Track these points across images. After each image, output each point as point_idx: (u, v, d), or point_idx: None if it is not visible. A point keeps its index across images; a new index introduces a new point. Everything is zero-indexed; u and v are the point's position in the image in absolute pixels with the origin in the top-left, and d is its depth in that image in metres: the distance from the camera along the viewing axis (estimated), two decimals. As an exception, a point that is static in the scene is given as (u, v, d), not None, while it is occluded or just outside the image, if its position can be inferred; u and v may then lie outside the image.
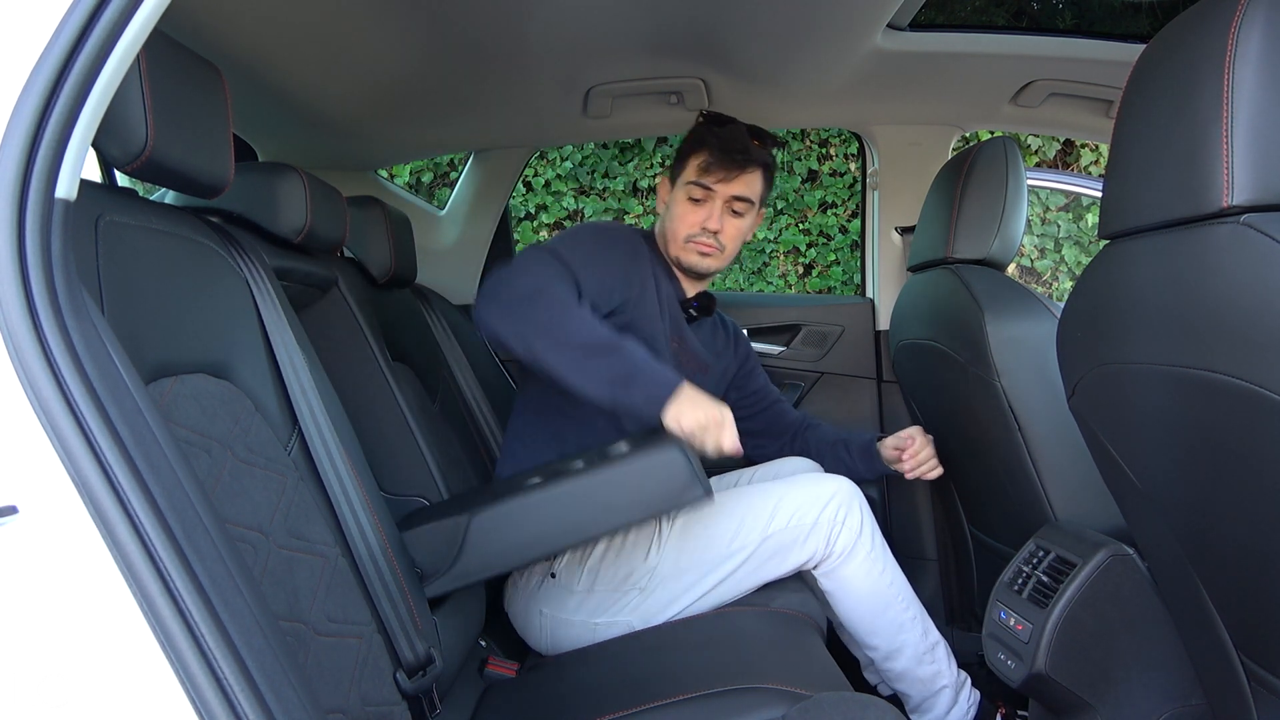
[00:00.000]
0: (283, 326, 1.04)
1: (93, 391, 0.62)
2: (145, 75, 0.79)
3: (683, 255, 1.54)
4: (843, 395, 2.17)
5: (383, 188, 2.40)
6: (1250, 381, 0.76)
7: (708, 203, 1.51)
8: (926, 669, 1.41)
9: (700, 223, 1.51)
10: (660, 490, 1.14)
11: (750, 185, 1.52)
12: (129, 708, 0.61)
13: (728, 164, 1.49)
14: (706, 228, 1.51)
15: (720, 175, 1.49)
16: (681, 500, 1.14)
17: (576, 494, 1.15)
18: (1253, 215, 0.76)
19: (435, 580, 1.16)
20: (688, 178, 1.52)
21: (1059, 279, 4.53)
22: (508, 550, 1.16)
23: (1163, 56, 0.86)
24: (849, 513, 1.37)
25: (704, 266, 1.55)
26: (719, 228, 1.51)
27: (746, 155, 1.49)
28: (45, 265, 0.62)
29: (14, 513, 0.60)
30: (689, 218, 1.52)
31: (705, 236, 1.51)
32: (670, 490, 1.14)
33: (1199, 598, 1.01)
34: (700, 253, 1.53)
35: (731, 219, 1.53)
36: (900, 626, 1.39)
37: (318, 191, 1.29)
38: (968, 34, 1.65)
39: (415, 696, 1.03)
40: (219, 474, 0.82)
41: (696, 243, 1.52)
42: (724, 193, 1.50)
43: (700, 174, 1.50)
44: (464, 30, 1.51)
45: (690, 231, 1.52)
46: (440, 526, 1.16)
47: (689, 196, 1.52)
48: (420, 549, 1.16)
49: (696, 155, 1.52)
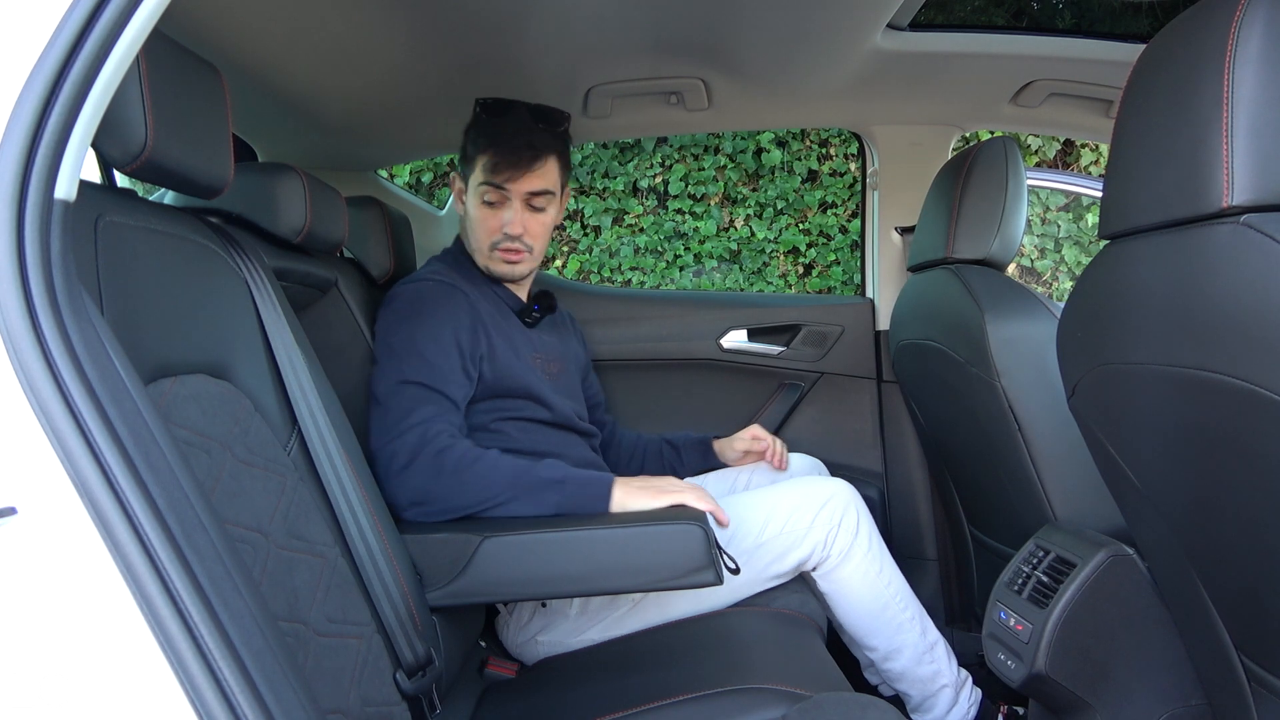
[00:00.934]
0: (282, 327, 1.04)
1: (92, 392, 0.62)
2: (145, 76, 0.79)
3: (491, 265, 1.48)
4: (843, 395, 2.17)
5: (383, 188, 2.40)
6: (1250, 381, 0.76)
7: (503, 205, 1.43)
8: (926, 668, 1.41)
9: (500, 228, 1.44)
10: (674, 563, 1.12)
11: (545, 176, 1.44)
12: (128, 708, 0.61)
13: (516, 161, 1.40)
14: (508, 233, 1.44)
15: (509, 174, 1.41)
16: (693, 580, 1.12)
17: (593, 545, 1.13)
18: (1253, 215, 0.76)
19: (429, 592, 1.14)
20: (478, 179, 1.44)
21: (1059, 279, 4.53)
22: (512, 582, 1.14)
23: (1163, 56, 0.86)
24: (845, 514, 1.37)
25: (514, 273, 1.49)
26: (520, 230, 1.44)
27: (534, 149, 1.41)
28: (44, 266, 0.62)
29: (13, 513, 0.60)
30: (488, 223, 1.44)
31: (508, 242, 1.44)
32: (684, 566, 1.12)
33: (1199, 598, 1.01)
34: (507, 260, 1.47)
35: (533, 216, 1.45)
36: (899, 627, 1.39)
37: (317, 192, 1.29)
38: (968, 34, 1.65)
39: (415, 697, 1.03)
40: (218, 474, 0.82)
41: (501, 250, 1.45)
42: (519, 191, 1.42)
43: (489, 174, 1.42)
44: (464, 30, 1.51)
45: (493, 238, 1.45)
46: (450, 539, 1.14)
47: (483, 199, 1.44)
48: (424, 556, 1.14)
49: (482, 154, 1.43)
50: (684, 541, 1.12)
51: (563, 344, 1.64)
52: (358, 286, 1.55)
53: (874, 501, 2.06)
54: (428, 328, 1.34)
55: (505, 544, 1.13)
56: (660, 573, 1.12)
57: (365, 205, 1.69)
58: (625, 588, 1.16)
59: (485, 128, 1.45)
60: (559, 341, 1.63)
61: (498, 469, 1.20)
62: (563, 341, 1.65)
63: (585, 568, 1.12)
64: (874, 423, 2.15)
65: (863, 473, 2.12)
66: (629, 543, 1.13)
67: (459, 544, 1.13)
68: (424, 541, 1.15)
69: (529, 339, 1.51)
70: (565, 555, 1.12)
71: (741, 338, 2.22)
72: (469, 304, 1.41)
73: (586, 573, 1.13)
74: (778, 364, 2.20)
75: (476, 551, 1.12)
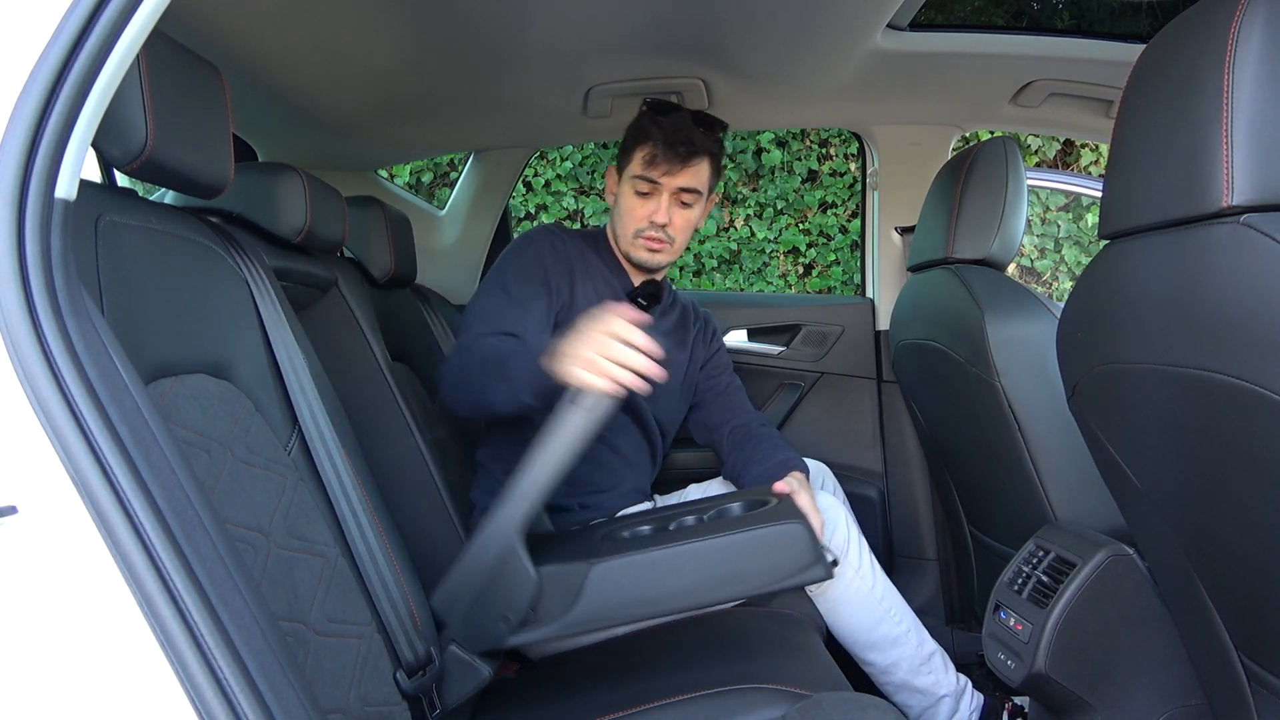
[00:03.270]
0: (282, 327, 1.04)
1: (92, 392, 0.62)
2: (145, 75, 0.79)
3: (632, 250, 1.53)
4: (843, 395, 2.17)
5: (383, 188, 2.41)
6: (1250, 381, 0.76)
7: (654, 196, 1.50)
8: (924, 680, 1.41)
9: (648, 216, 1.50)
10: (782, 564, 1.11)
11: (697, 175, 1.50)
12: (129, 708, 0.61)
13: (672, 156, 1.46)
14: (654, 221, 1.49)
15: (665, 168, 1.47)
16: (803, 577, 1.12)
17: (700, 558, 1.11)
18: (1253, 215, 0.76)
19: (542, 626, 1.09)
20: (633, 171, 1.50)
21: (1059, 279, 4.53)
22: (624, 604, 1.11)
23: (1163, 56, 0.86)
24: (835, 532, 1.38)
25: (653, 262, 1.54)
26: (666, 220, 1.50)
27: (691, 146, 1.47)
28: (45, 266, 0.62)
29: (13, 513, 0.60)
30: (636, 211, 1.51)
31: (653, 230, 1.50)
32: (793, 566, 1.11)
33: (1199, 598, 1.01)
34: (649, 249, 1.52)
35: (680, 210, 1.51)
36: (894, 641, 1.39)
37: (317, 191, 1.29)
38: (968, 34, 1.65)
39: (415, 696, 1.03)
40: (219, 474, 0.82)
41: (645, 238, 1.51)
42: (670, 185, 1.48)
43: (645, 167, 1.48)
44: (464, 30, 1.51)
45: (638, 226, 1.51)
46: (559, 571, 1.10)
47: (635, 190, 1.50)
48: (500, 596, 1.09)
49: (641, 147, 1.49)
50: (790, 541, 1.11)
51: (673, 341, 1.63)
52: (358, 286, 1.55)
53: (874, 501, 2.06)
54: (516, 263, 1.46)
55: (613, 568, 1.10)
56: (769, 575, 1.11)
57: (365, 205, 1.69)
58: (736, 595, 1.15)
59: (647, 125, 1.50)
60: (670, 338, 1.62)
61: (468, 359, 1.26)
62: (675, 340, 1.64)
63: (695, 581, 1.10)
64: (874, 423, 2.15)
65: (863, 473, 2.12)
66: (736, 550, 1.11)
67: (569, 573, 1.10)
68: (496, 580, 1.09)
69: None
70: (674, 571, 1.10)
71: (741, 338, 2.22)
72: (575, 260, 1.51)
73: (696, 586, 1.10)
74: (778, 364, 2.20)
75: (586, 580, 1.09)
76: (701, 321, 1.75)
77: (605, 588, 1.09)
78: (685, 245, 1.58)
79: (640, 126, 1.52)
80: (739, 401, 1.73)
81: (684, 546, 1.10)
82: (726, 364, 1.77)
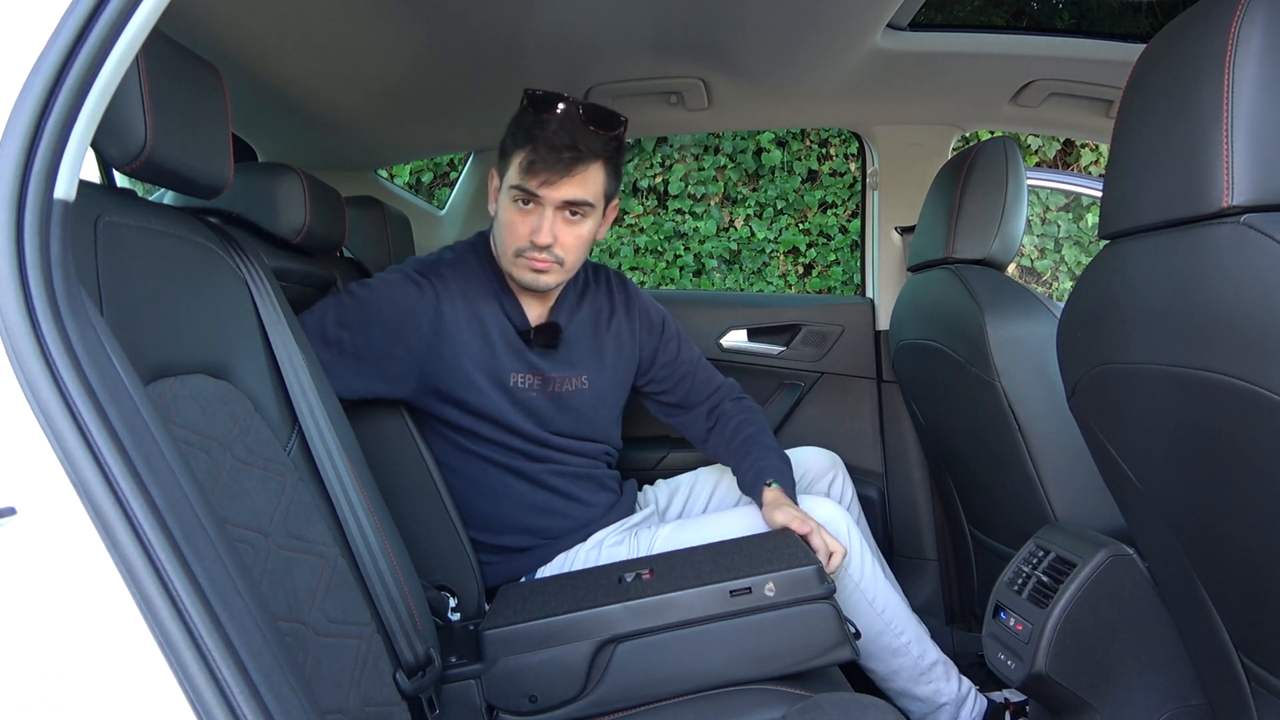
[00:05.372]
0: (282, 327, 1.04)
1: (91, 392, 0.62)
2: (144, 75, 0.79)
3: (515, 271, 1.33)
4: (843, 395, 2.17)
5: (383, 188, 2.40)
6: (1250, 381, 0.76)
7: (535, 211, 1.28)
8: (924, 688, 1.41)
9: (528, 235, 1.28)
10: (809, 644, 1.10)
11: (586, 185, 1.27)
12: (128, 708, 0.61)
13: (554, 163, 1.24)
14: (535, 241, 1.28)
15: (545, 177, 1.25)
16: (830, 658, 1.11)
17: (726, 639, 1.09)
18: (1253, 215, 0.76)
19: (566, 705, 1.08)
20: (511, 180, 1.29)
21: (1059, 279, 4.53)
22: (649, 683, 1.09)
23: (1163, 56, 0.86)
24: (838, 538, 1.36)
25: (540, 284, 1.33)
26: (550, 240, 1.27)
27: (576, 151, 1.24)
28: (44, 266, 0.62)
29: (12, 514, 0.60)
30: (516, 228, 1.29)
31: (535, 251, 1.29)
32: (820, 646, 1.10)
33: (1199, 598, 1.01)
34: (533, 269, 1.31)
35: (567, 227, 1.30)
36: (895, 651, 1.39)
37: (317, 192, 1.29)
38: (968, 34, 1.65)
39: (415, 697, 1.03)
40: (218, 474, 0.82)
41: (528, 258, 1.30)
42: (553, 198, 1.26)
43: (523, 175, 1.26)
44: (464, 30, 1.51)
45: (519, 245, 1.30)
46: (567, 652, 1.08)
47: (513, 200, 1.29)
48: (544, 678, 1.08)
49: (519, 151, 1.27)
50: (815, 621, 1.11)
51: (592, 357, 1.47)
52: (358, 286, 1.54)
53: (874, 501, 2.05)
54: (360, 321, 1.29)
55: (640, 647, 1.08)
56: (796, 656, 1.10)
57: (365, 205, 1.69)
58: (761, 675, 1.11)
59: (527, 122, 1.28)
60: (591, 353, 1.47)
61: None
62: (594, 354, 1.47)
63: (723, 660, 1.09)
64: (874, 423, 2.15)
65: (863, 472, 2.12)
66: (762, 629, 1.10)
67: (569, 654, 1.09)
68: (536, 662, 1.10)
69: (521, 360, 1.38)
70: (702, 650, 1.09)
71: (741, 338, 2.22)
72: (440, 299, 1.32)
73: (723, 666, 1.09)
74: (778, 364, 2.20)
75: (612, 659, 1.08)
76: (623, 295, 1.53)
77: (629, 669, 1.09)
78: (581, 261, 1.36)
79: (520, 124, 1.29)
80: (704, 376, 1.59)
81: (709, 628, 1.09)
82: (674, 333, 1.57)
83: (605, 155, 1.29)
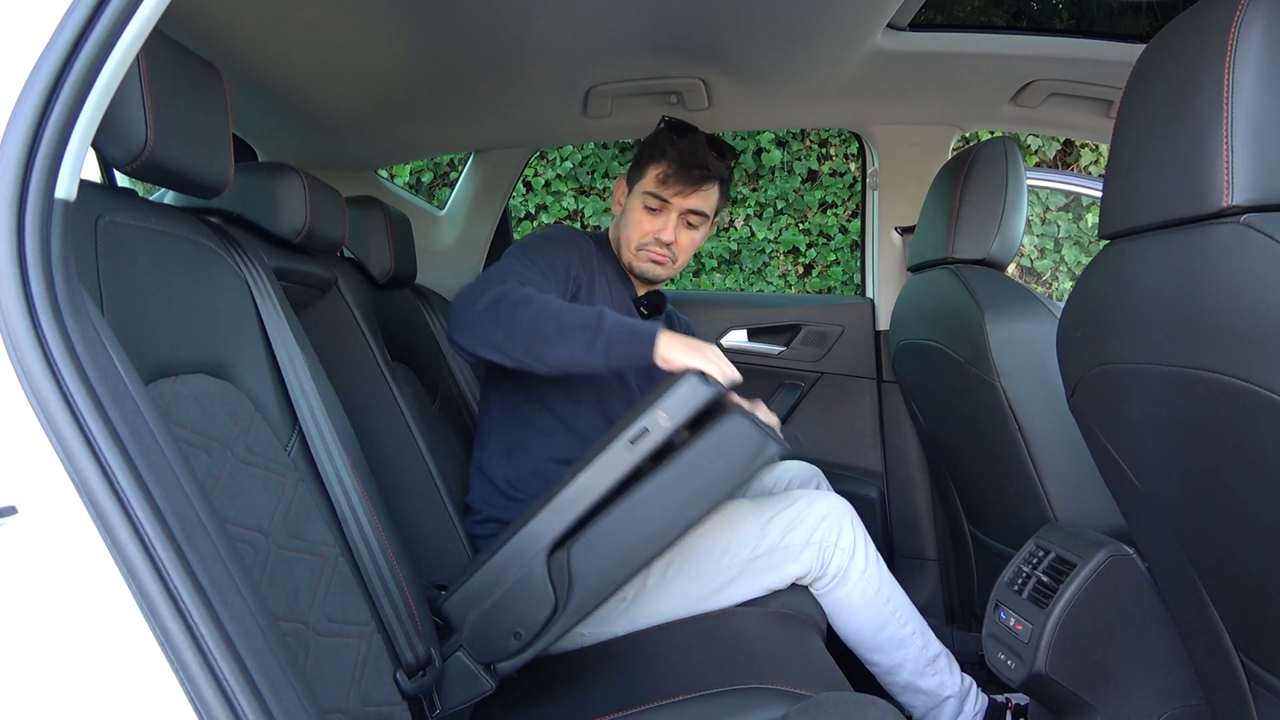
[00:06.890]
0: (282, 327, 1.04)
1: (92, 392, 0.62)
2: (145, 75, 0.79)
3: (635, 261, 1.56)
4: (842, 395, 2.17)
5: (383, 188, 2.41)
6: (1250, 381, 0.76)
7: (663, 214, 1.52)
8: (929, 682, 1.42)
9: (654, 233, 1.52)
10: (738, 459, 1.10)
11: (706, 199, 1.52)
12: (129, 708, 0.61)
13: (685, 178, 1.49)
14: (660, 239, 1.52)
15: (677, 188, 1.49)
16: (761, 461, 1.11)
17: (661, 492, 1.10)
18: (1253, 215, 0.76)
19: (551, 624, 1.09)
20: (645, 187, 1.52)
21: (1059, 279, 4.53)
22: (615, 569, 1.10)
23: (1163, 56, 0.86)
24: (841, 533, 1.37)
25: (655, 274, 1.57)
26: (673, 239, 1.52)
27: (705, 170, 1.49)
28: (45, 266, 0.62)
29: (13, 513, 0.60)
30: (643, 226, 1.53)
31: (658, 246, 1.53)
32: (747, 456, 1.10)
33: (1199, 598, 1.01)
34: (652, 260, 1.54)
35: (685, 231, 1.54)
36: (899, 643, 1.40)
37: (317, 191, 1.29)
38: (968, 34, 1.65)
39: (415, 697, 1.03)
40: (219, 474, 0.82)
41: (649, 251, 1.54)
42: (680, 205, 1.50)
43: (658, 185, 1.50)
44: (464, 30, 1.51)
45: (643, 240, 1.53)
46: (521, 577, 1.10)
47: (645, 205, 1.52)
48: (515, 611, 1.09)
49: (655, 164, 1.52)
50: (731, 436, 1.10)
51: None
52: (358, 286, 1.55)
53: (874, 501, 2.06)
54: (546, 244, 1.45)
55: (589, 541, 1.10)
56: (733, 476, 1.10)
57: (365, 205, 1.69)
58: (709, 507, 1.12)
59: (663, 143, 1.52)
60: None
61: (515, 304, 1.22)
62: None
63: (670, 513, 1.10)
64: (874, 423, 2.15)
65: (863, 473, 2.12)
66: (691, 467, 1.11)
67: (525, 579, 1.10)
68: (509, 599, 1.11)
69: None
70: (644, 516, 1.10)
71: (741, 338, 2.22)
72: (595, 261, 1.52)
73: (673, 517, 1.10)
74: (778, 364, 2.20)
75: (569, 564, 1.09)
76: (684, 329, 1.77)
77: (591, 562, 1.09)
78: (686, 263, 1.61)
79: (656, 144, 1.54)
80: None
81: (643, 488, 1.10)
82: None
83: (722, 178, 1.54)
